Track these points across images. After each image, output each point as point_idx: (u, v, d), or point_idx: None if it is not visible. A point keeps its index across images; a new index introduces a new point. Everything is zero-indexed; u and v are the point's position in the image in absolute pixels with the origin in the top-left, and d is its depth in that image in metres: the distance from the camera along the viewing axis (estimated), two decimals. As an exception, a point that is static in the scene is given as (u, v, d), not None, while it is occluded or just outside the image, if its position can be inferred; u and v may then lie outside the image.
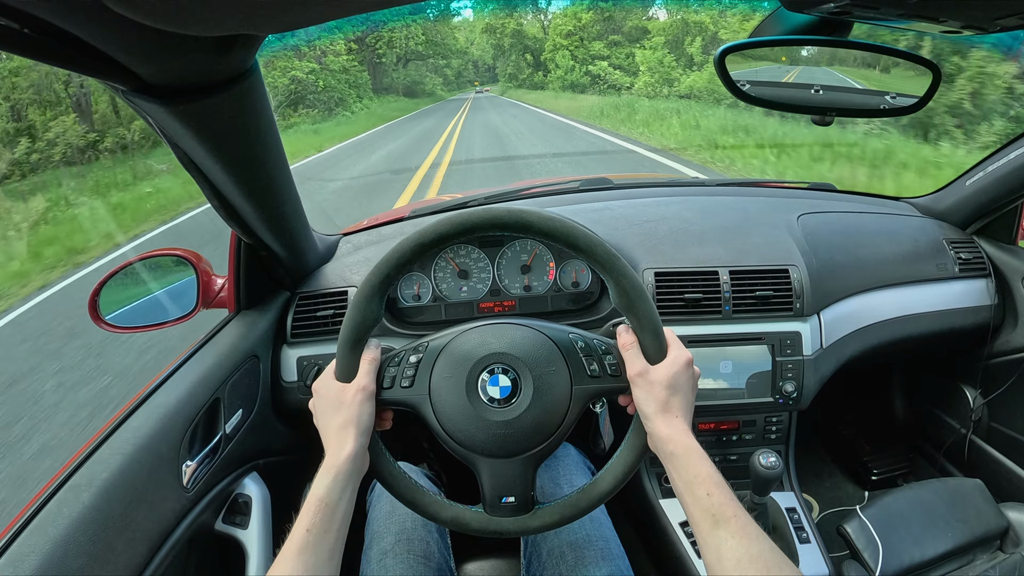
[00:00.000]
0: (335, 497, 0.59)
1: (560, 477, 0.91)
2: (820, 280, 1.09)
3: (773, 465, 0.85)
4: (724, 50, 0.71)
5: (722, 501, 0.56)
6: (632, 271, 0.63)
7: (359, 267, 1.09)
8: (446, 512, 0.67)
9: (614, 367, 0.65)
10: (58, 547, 0.60)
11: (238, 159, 0.70)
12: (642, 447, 0.65)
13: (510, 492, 0.65)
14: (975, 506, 1.00)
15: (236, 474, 0.91)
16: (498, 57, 48.22)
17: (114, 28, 0.40)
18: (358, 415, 0.63)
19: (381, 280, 0.64)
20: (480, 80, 56.32)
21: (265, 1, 0.40)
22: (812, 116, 0.76)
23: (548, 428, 0.64)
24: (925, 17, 0.61)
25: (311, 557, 0.56)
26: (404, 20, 24.77)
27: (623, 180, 1.45)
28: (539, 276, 1.10)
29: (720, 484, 0.57)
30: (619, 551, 0.83)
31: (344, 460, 0.61)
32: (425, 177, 7.46)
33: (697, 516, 0.57)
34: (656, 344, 0.63)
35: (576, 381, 0.65)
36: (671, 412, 0.61)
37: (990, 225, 1.31)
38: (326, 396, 0.64)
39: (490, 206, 0.65)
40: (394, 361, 0.67)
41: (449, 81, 46.31)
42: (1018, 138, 1.14)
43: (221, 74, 0.54)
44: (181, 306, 1.00)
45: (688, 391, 0.63)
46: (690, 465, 0.58)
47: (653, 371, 0.62)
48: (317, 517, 0.58)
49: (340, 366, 0.65)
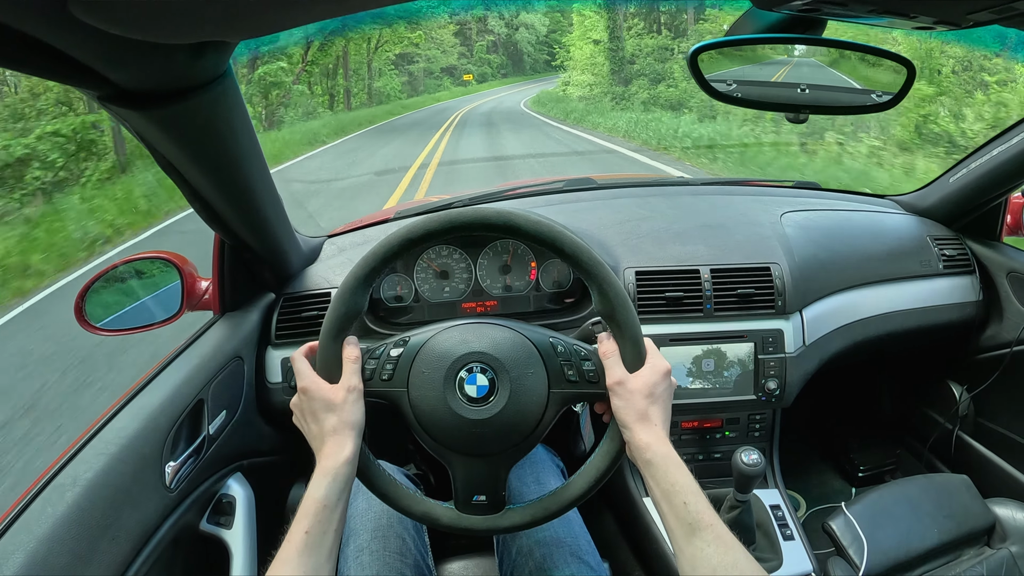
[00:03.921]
0: (334, 499, 0.60)
1: (527, 476, 0.92)
2: (803, 278, 1.10)
3: (755, 463, 0.85)
4: (696, 49, 0.71)
5: (699, 510, 0.57)
6: (616, 279, 0.64)
7: (343, 268, 1.09)
8: (418, 507, 0.68)
9: (592, 373, 0.66)
10: (42, 545, 0.61)
11: (216, 162, 0.70)
12: (616, 454, 0.66)
13: (481, 491, 0.66)
14: (962, 502, 1.00)
15: (220, 474, 0.92)
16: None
17: (85, 36, 0.40)
18: (352, 417, 0.63)
19: (367, 273, 0.64)
20: (488, 70, 39.92)
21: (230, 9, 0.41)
22: (787, 114, 0.77)
23: (523, 429, 0.65)
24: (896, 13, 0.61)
25: (310, 558, 0.57)
26: (373, 24, 22.90)
27: (607, 180, 1.46)
28: (520, 276, 1.11)
29: (697, 493, 0.58)
30: (589, 548, 0.83)
31: (343, 463, 0.61)
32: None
33: (674, 524, 0.58)
34: (636, 353, 0.64)
35: (553, 385, 0.65)
36: (649, 421, 0.62)
37: (974, 222, 1.32)
38: (316, 397, 0.64)
39: (478, 206, 0.66)
40: (375, 354, 0.67)
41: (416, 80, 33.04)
42: (1000, 135, 1.15)
43: (195, 79, 0.54)
44: (166, 308, 1.01)
45: (666, 401, 0.64)
46: (668, 474, 0.59)
47: (632, 380, 0.63)
48: (316, 519, 0.58)
49: (322, 359, 0.65)
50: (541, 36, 39.76)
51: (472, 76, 36.48)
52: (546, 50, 39.04)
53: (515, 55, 42.31)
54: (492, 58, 41.45)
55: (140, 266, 1.03)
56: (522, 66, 42.29)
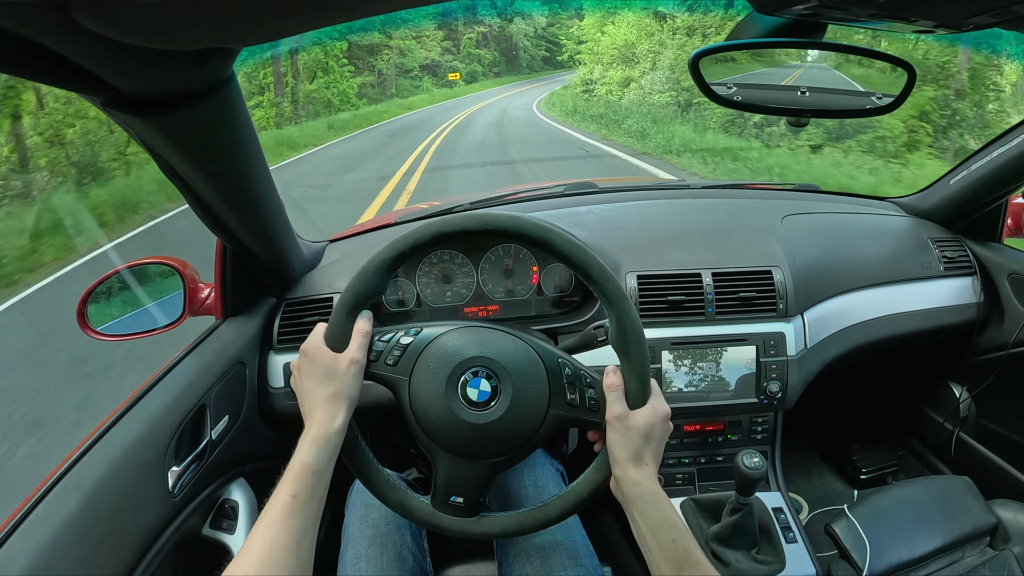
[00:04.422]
0: (322, 465, 0.60)
1: (526, 479, 0.92)
2: (804, 281, 1.10)
3: (757, 465, 0.85)
4: (698, 54, 0.72)
5: (687, 548, 0.58)
6: (636, 314, 0.64)
7: (345, 273, 1.09)
8: (393, 494, 0.68)
9: (593, 402, 0.66)
10: (45, 551, 0.61)
11: (219, 168, 0.70)
12: (599, 485, 0.66)
13: (460, 493, 0.66)
14: (964, 503, 1.01)
15: (222, 480, 0.92)
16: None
17: (87, 42, 0.40)
18: (349, 389, 0.63)
19: (394, 256, 0.64)
20: (478, 68, 32.39)
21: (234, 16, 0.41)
22: (788, 118, 0.77)
23: (514, 441, 0.65)
24: (896, 17, 0.62)
25: (296, 522, 0.56)
26: (377, 30, 20.65)
27: (608, 184, 1.46)
28: (522, 280, 1.11)
29: (685, 531, 0.59)
30: (587, 552, 0.83)
31: (335, 432, 0.62)
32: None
33: (660, 561, 0.59)
34: (641, 391, 0.65)
35: (553, 404, 0.65)
36: (642, 460, 0.63)
37: (975, 223, 1.32)
38: (318, 362, 0.64)
39: (518, 215, 0.65)
40: (384, 337, 0.67)
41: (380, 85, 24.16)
42: (1000, 137, 1.15)
43: (198, 85, 0.55)
44: (168, 314, 1.01)
45: (660, 442, 0.65)
46: (657, 510, 0.60)
47: (632, 417, 0.64)
48: (304, 484, 0.58)
49: (332, 330, 0.65)
50: (540, 29, 34.94)
51: (460, 75, 29.98)
52: (544, 45, 35.70)
53: (509, 51, 35.77)
54: (483, 53, 34.01)
55: (142, 271, 1.03)
56: (518, 63, 36.20)
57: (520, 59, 36.28)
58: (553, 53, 35.44)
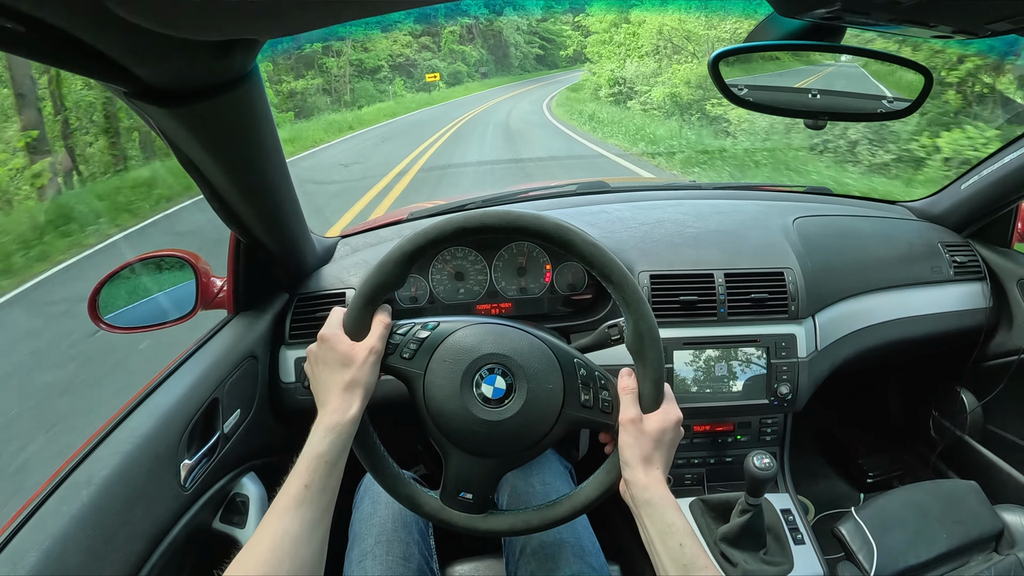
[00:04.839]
0: (335, 455, 0.60)
1: (534, 478, 0.92)
2: (815, 283, 1.10)
3: (767, 466, 0.85)
4: (718, 55, 0.72)
5: (694, 553, 0.58)
6: (653, 318, 0.64)
7: (357, 269, 1.09)
8: (403, 488, 0.68)
9: (607, 404, 0.66)
10: (57, 543, 0.61)
11: (238, 161, 0.71)
12: (608, 487, 0.67)
13: (470, 489, 0.66)
14: (970, 508, 1.01)
15: (234, 474, 0.92)
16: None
17: (115, 31, 0.41)
18: (366, 378, 0.63)
19: (414, 249, 0.64)
20: (462, 68, 27.34)
21: (263, 6, 0.41)
22: (805, 120, 0.77)
23: (527, 440, 0.65)
24: (916, 22, 0.62)
25: (307, 512, 0.56)
26: (406, 25, 18.99)
27: (620, 183, 1.46)
28: (535, 278, 1.11)
29: (693, 536, 0.59)
30: (593, 549, 0.84)
31: (349, 421, 0.61)
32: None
33: (668, 565, 0.59)
34: (655, 395, 0.65)
35: (567, 405, 0.65)
36: (652, 464, 0.63)
37: (985, 228, 1.32)
38: (336, 349, 0.63)
39: (539, 214, 0.65)
40: (401, 330, 0.67)
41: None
42: (1013, 142, 1.15)
43: (221, 77, 0.55)
44: (180, 307, 1.01)
45: (670, 447, 0.65)
46: (665, 515, 0.60)
47: (645, 421, 0.64)
48: (316, 473, 0.58)
49: (350, 319, 0.65)
50: (534, 23, 30.93)
51: (439, 76, 24.74)
52: (538, 42, 32.34)
53: (498, 48, 31.00)
54: (467, 50, 28.38)
55: (154, 264, 1.04)
56: (508, 62, 31.41)
57: (511, 57, 31.77)
58: (548, 51, 32.35)
